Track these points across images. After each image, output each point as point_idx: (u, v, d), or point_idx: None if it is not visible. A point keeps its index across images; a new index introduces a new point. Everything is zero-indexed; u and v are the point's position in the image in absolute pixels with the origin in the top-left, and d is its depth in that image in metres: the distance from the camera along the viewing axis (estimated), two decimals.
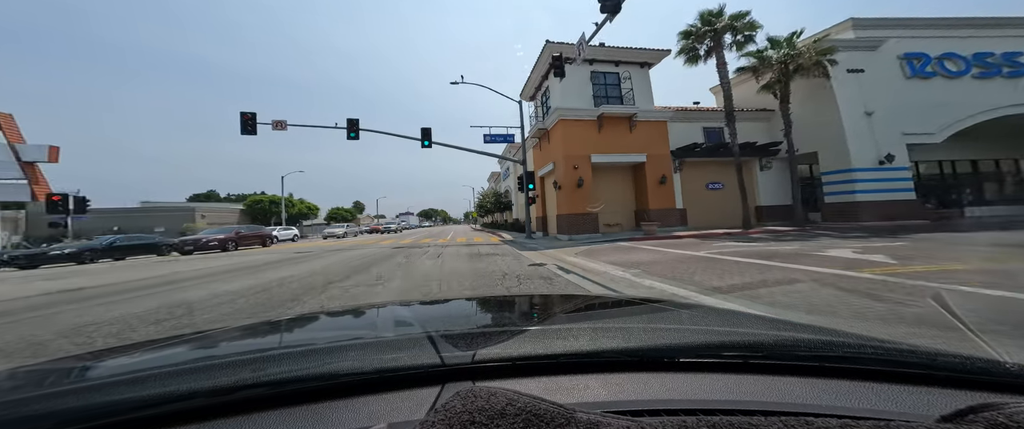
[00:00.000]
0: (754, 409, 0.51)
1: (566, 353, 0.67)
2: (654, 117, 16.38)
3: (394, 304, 1.70)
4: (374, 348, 0.77)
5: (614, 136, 16.18)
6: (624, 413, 0.46)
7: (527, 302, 1.77)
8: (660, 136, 16.32)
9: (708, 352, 0.70)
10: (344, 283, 6.33)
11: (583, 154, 15.86)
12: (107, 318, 4.34)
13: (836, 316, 3.19)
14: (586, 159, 15.87)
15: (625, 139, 16.22)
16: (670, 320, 1.04)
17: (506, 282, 5.94)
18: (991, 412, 0.34)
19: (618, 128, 16.27)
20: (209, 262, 11.80)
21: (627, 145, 16.16)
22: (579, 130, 16.07)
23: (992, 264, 5.52)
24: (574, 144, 15.89)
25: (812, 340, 0.73)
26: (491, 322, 1.20)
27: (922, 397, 0.55)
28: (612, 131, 16.19)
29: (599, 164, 16.16)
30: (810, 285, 4.47)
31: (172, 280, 7.79)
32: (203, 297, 5.51)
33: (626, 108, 15.98)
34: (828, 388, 0.58)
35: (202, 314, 4.46)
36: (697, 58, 16.75)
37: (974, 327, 0.94)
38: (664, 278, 5.58)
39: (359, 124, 15.71)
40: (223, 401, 0.54)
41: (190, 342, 1.05)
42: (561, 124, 16.14)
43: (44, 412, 0.52)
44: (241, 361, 0.70)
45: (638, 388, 0.58)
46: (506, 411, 0.34)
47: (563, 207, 16.04)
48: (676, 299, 3.80)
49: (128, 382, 0.63)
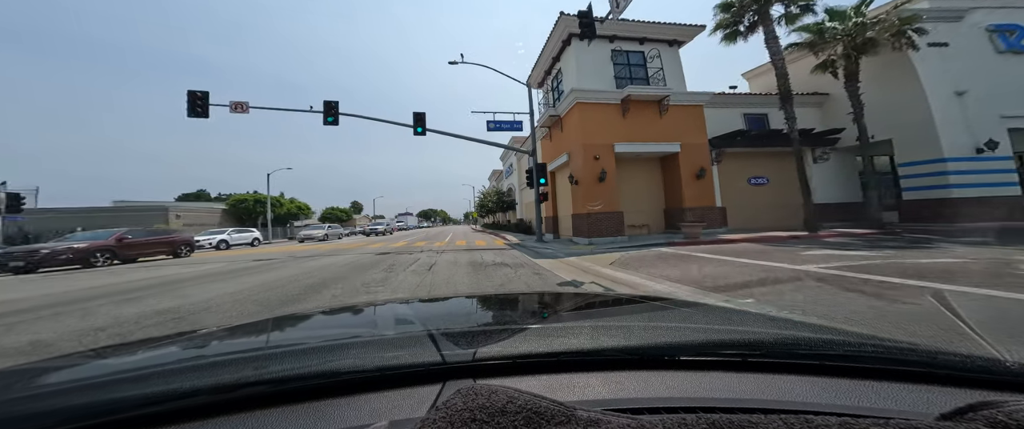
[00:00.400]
0: (754, 407, 0.51)
1: (567, 351, 0.67)
2: (689, 100, 13.92)
3: (395, 302, 1.66)
4: (375, 346, 0.77)
5: (641, 122, 13.71)
6: (624, 411, 0.46)
7: (528, 300, 1.71)
8: (696, 122, 13.85)
9: (708, 350, 0.70)
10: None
11: (605, 143, 13.39)
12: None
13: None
14: (609, 148, 13.40)
15: (655, 126, 13.76)
16: (670, 318, 1.05)
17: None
18: (991, 410, 0.34)
19: (646, 113, 13.81)
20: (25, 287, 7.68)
21: (657, 133, 13.69)
22: (600, 115, 13.61)
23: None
24: (594, 131, 13.43)
25: (812, 338, 0.74)
26: (492, 320, 1.19)
27: (922, 395, 0.55)
28: (639, 116, 13.73)
29: (623, 155, 13.70)
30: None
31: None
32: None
33: (657, 90, 13.52)
34: (828, 386, 0.58)
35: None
36: (737, 35, 14.31)
37: (974, 326, 0.98)
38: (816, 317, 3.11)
39: (338, 108, 13.23)
40: (225, 398, 0.54)
41: (193, 340, 1.05)
42: (578, 109, 13.68)
43: (48, 409, 0.52)
44: (243, 359, 0.71)
45: (638, 386, 0.58)
46: (507, 409, 0.35)
47: (580, 205, 13.57)
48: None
49: (131, 379, 0.63)
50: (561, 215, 17.49)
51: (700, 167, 13.19)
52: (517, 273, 7.01)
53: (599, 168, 13.10)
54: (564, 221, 16.95)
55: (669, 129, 13.73)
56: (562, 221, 17.36)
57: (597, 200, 12.97)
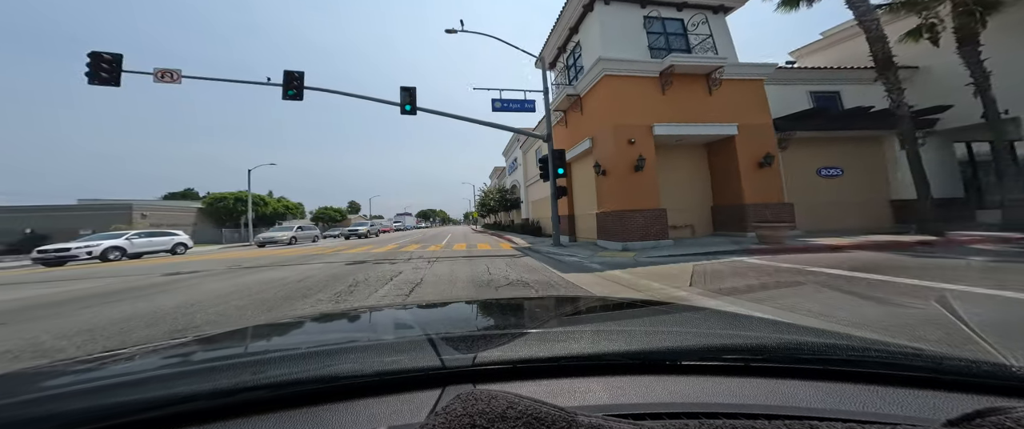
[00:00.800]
0: (757, 413, 0.50)
1: (567, 356, 0.66)
2: (747, 73, 11.19)
3: (393, 307, 1.56)
4: (374, 350, 0.75)
5: (686, 99, 11.00)
6: (626, 416, 0.46)
7: (528, 304, 1.59)
8: (756, 100, 11.11)
9: (710, 355, 0.68)
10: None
11: (642, 123, 10.67)
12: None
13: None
14: (646, 131, 10.68)
15: (703, 104, 11.04)
16: (672, 323, 1.02)
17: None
18: (998, 416, 0.34)
19: (691, 89, 11.09)
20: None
21: (706, 112, 10.97)
22: (634, 90, 10.90)
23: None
24: (627, 110, 10.71)
25: (815, 343, 0.72)
26: (492, 324, 1.17)
27: (928, 401, 0.54)
28: (683, 92, 11.01)
29: (662, 139, 10.99)
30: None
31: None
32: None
33: (707, 60, 10.78)
34: (832, 391, 0.56)
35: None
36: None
37: (979, 330, 0.93)
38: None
39: (303, 80, 10.45)
40: (223, 403, 0.53)
41: (191, 344, 1.00)
42: (607, 83, 10.96)
43: (46, 414, 0.51)
44: (241, 363, 0.70)
45: (640, 391, 0.57)
46: (507, 414, 0.34)
47: (610, 200, 10.84)
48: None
49: (129, 384, 0.63)
50: (579, 214, 14.75)
51: (765, 153, 10.43)
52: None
53: (635, 154, 10.36)
54: (583, 221, 14.20)
55: (721, 108, 11.00)
56: (580, 221, 14.61)
57: (632, 194, 10.23)
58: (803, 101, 12.44)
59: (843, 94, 12.37)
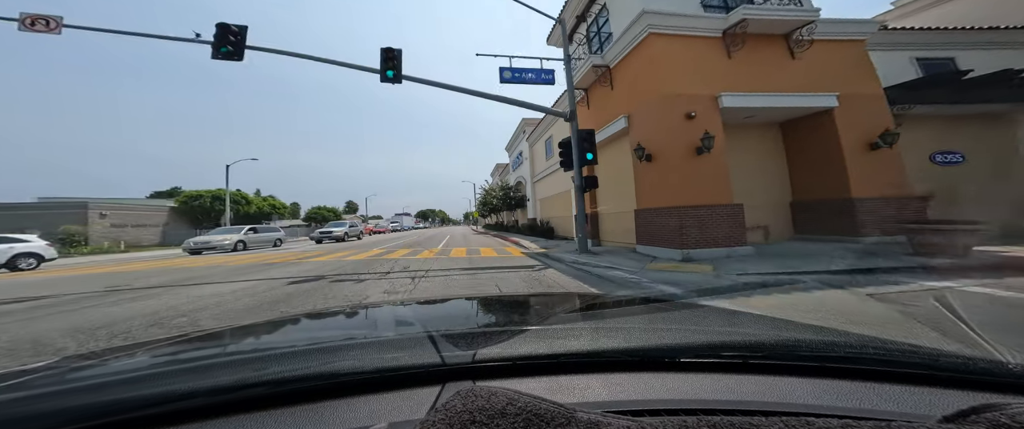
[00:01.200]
0: (755, 409, 0.50)
1: (567, 353, 0.65)
2: (842, 33, 8.47)
3: (394, 304, 1.54)
4: (374, 347, 0.74)
5: (761, 64, 8.30)
6: (625, 413, 0.46)
7: (528, 302, 1.61)
8: (859, 65, 8.38)
9: (709, 352, 0.68)
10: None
11: (705, 93, 7.98)
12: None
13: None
14: (711, 103, 7.99)
15: (783, 70, 8.34)
16: (671, 320, 1.02)
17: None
18: (994, 412, 0.34)
19: (768, 51, 8.39)
20: None
21: (788, 80, 8.27)
22: (690, 53, 8.20)
23: None
24: (683, 77, 8.02)
25: (813, 340, 0.72)
26: (492, 322, 1.14)
27: (924, 397, 0.54)
28: (756, 56, 8.31)
29: (729, 113, 8.27)
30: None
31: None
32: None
33: (794, 12, 8.04)
34: (829, 388, 0.56)
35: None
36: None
37: (976, 327, 0.89)
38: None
39: (244, 36, 7.67)
40: (224, 400, 0.53)
41: (192, 341, 0.99)
42: (653, 43, 8.27)
43: (48, 411, 0.51)
44: (242, 360, 0.70)
45: (639, 388, 0.57)
46: (507, 411, 0.34)
47: (659, 194, 8.16)
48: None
49: (131, 381, 0.62)
50: (604, 211, 12.01)
51: (884, 129, 7.65)
52: None
53: (697, 132, 7.64)
54: (611, 220, 11.48)
55: (810, 75, 8.27)
56: (606, 220, 11.88)
57: (692, 185, 7.51)
58: (907, 70, 9.69)
59: (959, 61, 9.66)
